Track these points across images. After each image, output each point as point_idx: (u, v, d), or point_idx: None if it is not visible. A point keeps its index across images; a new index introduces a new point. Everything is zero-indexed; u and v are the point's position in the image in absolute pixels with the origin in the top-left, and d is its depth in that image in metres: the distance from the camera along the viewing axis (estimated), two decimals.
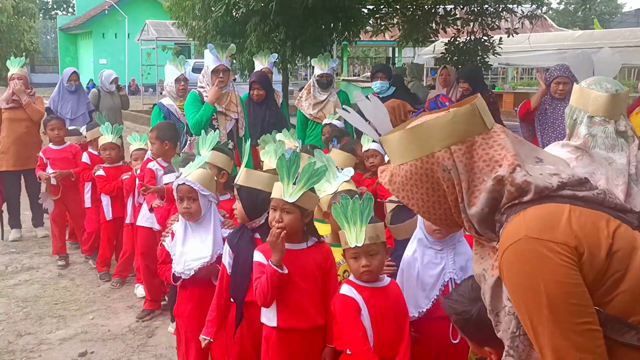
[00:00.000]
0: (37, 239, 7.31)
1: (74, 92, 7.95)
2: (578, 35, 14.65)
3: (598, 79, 2.58)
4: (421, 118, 1.62)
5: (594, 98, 2.51)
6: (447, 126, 1.54)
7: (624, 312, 1.40)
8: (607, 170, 2.46)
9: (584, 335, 1.36)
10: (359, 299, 2.78)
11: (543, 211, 1.47)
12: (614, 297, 1.41)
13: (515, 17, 10.74)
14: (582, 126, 2.54)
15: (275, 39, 8.90)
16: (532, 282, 1.40)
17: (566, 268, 1.38)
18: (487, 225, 1.57)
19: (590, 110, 2.52)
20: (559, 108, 5.34)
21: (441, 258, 3.05)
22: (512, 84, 25.77)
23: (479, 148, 1.54)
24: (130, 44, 23.92)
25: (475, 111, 1.55)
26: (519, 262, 1.43)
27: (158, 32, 23.03)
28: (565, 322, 1.37)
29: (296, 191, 2.87)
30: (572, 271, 1.38)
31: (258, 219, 3.20)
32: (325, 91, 6.83)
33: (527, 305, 1.42)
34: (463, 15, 10.43)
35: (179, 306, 3.68)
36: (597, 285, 1.40)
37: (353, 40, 10.60)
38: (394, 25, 11.13)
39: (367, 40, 14.45)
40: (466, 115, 1.55)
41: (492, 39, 10.33)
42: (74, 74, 8.05)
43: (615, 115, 2.51)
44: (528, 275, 1.41)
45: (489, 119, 1.58)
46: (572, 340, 1.36)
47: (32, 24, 28.57)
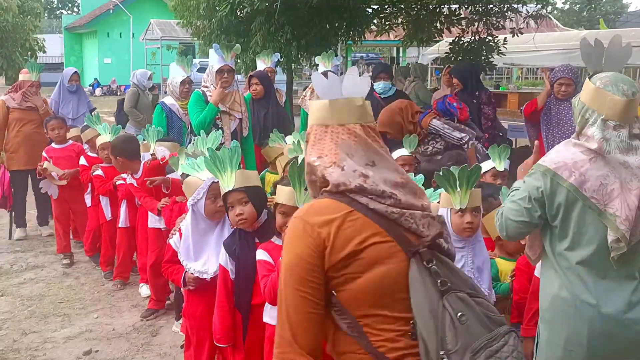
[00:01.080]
0: (42, 238, 7.34)
1: (75, 92, 7.97)
2: (583, 35, 14.59)
3: (614, 79, 2.48)
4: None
5: (611, 102, 2.43)
6: (321, 108, 1.91)
7: (348, 304, 1.81)
8: (621, 173, 2.41)
9: (297, 298, 1.79)
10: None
11: (323, 202, 1.85)
12: (344, 290, 1.80)
13: (520, 17, 10.71)
14: (594, 128, 2.46)
15: (280, 39, 8.89)
16: (287, 248, 1.86)
17: (308, 249, 1.80)
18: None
19: (606, 113, 2.43)
20: (562, 108, 5.33)
21: (461, 256, 3.05)
22: (517, 84, 25.69)
23: (325, 136, 1.89)
24: (135, 43, 23.97)
25: (335, 107, 1.89)
26: (288, 232, 1.89)
27: (163, 31, 23.05)
28: (291, 283, 1.81)
29: (308, 197, 2.88)
30: (312, 252, 1.79)
31: (259, 219, 3.22)
32: None
33: (283, 262, 1.87)
34: (468, 15, 10.40)
35: (189, 306, 3.63)
36: (333, 274, 1.80)
37: (358, 40, 10.59)
38: (398, 24, 11.11)
39: (371, 40, 14.43)
40: (326, 106, 1.89)
41: (497, 39, 10.29)
42: (75, 74, 8.06)
43: (630, 119, 2.45)
44: (287, 243, 1.88)
45: (348, 117, 1.89)
46: (290, 297, 1.81)
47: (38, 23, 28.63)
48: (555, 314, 2.58)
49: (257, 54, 8.06)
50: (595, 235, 2.46)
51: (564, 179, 2.45)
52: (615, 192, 2.40)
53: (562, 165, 2.48)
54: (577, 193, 2.43)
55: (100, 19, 34.75)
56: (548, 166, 2.50)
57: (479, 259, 3.12)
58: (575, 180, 2.43)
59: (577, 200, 2.45)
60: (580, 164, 2.45)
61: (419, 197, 1.88)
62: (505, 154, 4.28)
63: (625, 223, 2.37)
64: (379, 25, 10.98)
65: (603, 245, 2.44)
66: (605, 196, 2.41)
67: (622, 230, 2.37)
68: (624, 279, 2.48)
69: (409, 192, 1.85)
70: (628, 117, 2.45)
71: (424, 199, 1.90)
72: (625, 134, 2.44)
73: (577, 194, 2.44)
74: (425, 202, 1.90)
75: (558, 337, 2.57)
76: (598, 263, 2.48)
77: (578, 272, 2.50)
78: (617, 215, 2.38)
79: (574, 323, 2.51)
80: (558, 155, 2.53)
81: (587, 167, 2.44)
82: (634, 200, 2.39)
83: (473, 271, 3.07)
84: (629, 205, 2.38)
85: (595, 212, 2.43)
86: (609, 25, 30.12)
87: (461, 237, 3.08)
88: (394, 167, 1.91)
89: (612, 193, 2.40)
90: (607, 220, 2.41)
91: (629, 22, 37.27)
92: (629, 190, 2.40)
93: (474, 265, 3.09)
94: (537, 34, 11.42)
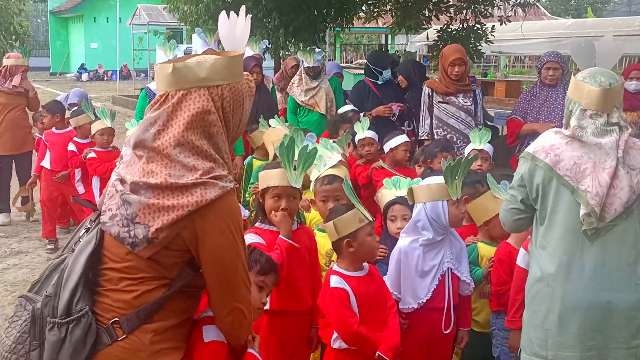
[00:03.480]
0: (26, 224, 7.29)
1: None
2: (570, 23, 14.68)
3: (594, 71, 2.61)
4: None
5: (587, 92, 2.55)
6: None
7: None
8: (596, 154, 2.52)
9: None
10: (348, 289, 2.77)
11: None
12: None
13: (508, 5, 10.74)
14: (574, 118, 2.59)
15: (267, 25, 8.86)
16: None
17: None
18: None
19: (584, 103, 2.56)
20: (550, 95, 5.34)
21: (440, 247, 3.07)
22: (505, 72, 25.77)
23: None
24: (122, 28, 23.69)
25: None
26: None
27: (150, 16, 22.80)
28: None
29: (299, 176, 2.88)
30: None
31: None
32: (317, 79, 6.83)
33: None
34: (456, 3, 10.41)
35: None
36: None
37: (346, 26, 10.57)
38: (386, 11, 11.09)
39: (360, 27, 14.41)
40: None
41: (485, 27, 10.32)
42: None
43: (608, 108, 2.55)
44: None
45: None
46: None
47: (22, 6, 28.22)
48: (534, 294, 2.67)
49: None
50: (569, 214, 2.55)
51: (540, 159, 2.59)
52: (587, 171, 2.52)
53: (540, 148, 2.62)
54: (552, 172, 2.56)
55: (87, 3, 34.31)
56: (529, 151, 2.66)
57: (456, 246, 3.15)
58: (550, 160, 2.56)
59: (552, 179, 2.57)
60: (556, 147, 2.59)
61: None
62: (486, 137, 4.32)
63: (596, 198, 2.47)
64: (367, 12, 10.97)
65: (576, 222, 2.53)
66: (578, 174, 2.52)
67: (592, 205, 2.47)
68: (600, 258, 2.53)
69: None
70: (605, 106, 2.55)
71: None
72: (602, 122, 2.55)
73: (551, 172, 2.56)
74: None
75: (536, 317, 2.65)
76: (572, 240, 2.55)
77: (552, 252, 2.59)
78: (589, 191, 2.49)
79: (548, 300, 2.60)
80: (539, 142, 2.68)
81: (563, 149, 2.57)
82: (605, 178, 2.48)
83: (452, 261, 3.09)
84: (600, 183, 2.49)
85: (569, 189, 2.53)
86: (596, 14, 30.24)
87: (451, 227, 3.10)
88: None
89: (585, 171, 2.52)
90: (579, 197, 2.51)
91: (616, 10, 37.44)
92: (602, 169, 2.50)
93: (453, 255, 3.11)
94: (524, 22, 11.47)
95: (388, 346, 2.75)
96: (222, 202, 1.86)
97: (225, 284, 1.91)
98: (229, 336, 2.01)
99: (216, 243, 1.86)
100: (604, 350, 2.55)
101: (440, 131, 5.50)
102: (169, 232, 1.83)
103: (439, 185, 3.04)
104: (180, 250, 1.89)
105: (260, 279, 2.33)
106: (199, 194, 1.82)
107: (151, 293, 1.87)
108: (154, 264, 1.87)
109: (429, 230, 3.02)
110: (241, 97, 1.98)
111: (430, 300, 3.02)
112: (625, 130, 2.55)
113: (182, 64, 1.91)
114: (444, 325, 3.04)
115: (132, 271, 1.87)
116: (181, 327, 1.97)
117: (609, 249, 2.53)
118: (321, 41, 10.16)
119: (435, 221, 3.01)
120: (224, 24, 2.16)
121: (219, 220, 1.86)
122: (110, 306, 1.87)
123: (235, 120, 1.99)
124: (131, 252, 1.86)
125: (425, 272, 3.03)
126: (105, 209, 1.93)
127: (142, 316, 1.86)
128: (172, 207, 1.82)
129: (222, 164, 1.93)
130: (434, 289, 3.02)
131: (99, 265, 1.91)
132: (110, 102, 19.04)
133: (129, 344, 1.85)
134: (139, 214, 1.84)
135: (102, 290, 1.89)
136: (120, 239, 1.87)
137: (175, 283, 1.90)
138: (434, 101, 5.54)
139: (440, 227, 3.03)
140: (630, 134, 2.57)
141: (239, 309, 1.95)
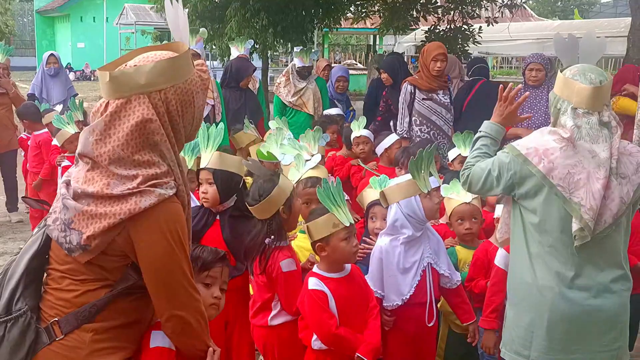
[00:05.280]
0: (11, 224, 7.21)
1: (55, 75, 7.80)
2: (557, 24, 14.76)
3: (583, 68, 2.55)
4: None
5: (578, 90, 2.49)
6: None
7: None
8: (590, 163, 2.46)
9: None
10: (327, 291, 2.77)
11: None
12: None
13: (495, 6, 10.79)
14: (566, 117, 2.52)
15: (255, 25, 8.84)
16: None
17: None
18: None
19: (574, 102, 2.50)
20: (532, 95, 5.37)
21: (420, 243, 3.09)
22: (492, 73, 25.86)
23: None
24: (109, 27, 23.60)
25: None
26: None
27: (137, 16, 22.72)
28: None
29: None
30: None
31: (227, 202, 3.21)
32: (304, 80, 6.83)
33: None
34: (444, 4, 10.45)
35: None
36: None
37: (334, 27, 10.58)
38: (375, 12, 11.11)
39: (348, 27, 14.42)
40: None
41: (472, 28, 10.36)
42: (51, 57, 7.87)
43: (598, 107, 2.50)
44: None
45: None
46: None
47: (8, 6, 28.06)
48: (521, 298, 2.65)
49: (231, 40, 8.01)
50: (559, 223, 2.51)
51: (533, 164, 2.51)
52: (581, 182, 2.45)
53: (533, 151, 2.53)
54: (545, 180, 2.49)
55: (73, 3, 34.05)
56: (520, 151, 2.56)
57: (433, 241, 3.19)
58: (544, 167, 2.48)
59: (543, 187, 2.50)
60: (550, 152, 2.50)
61: None
62: (469, 140, 4.32)
63: (590, 212, 2.42)
64: (355, 12, 10.98)
65: (567, 233, 2.49)
66: (571, 185, 2.46)
67: (585, 219, 2.42)
68: (588, 266, 2.53)
69: None
70: (596, 104, 2.50)
71: None
72: (595, 121, 2.49)
73: (544, 180, 2.49)
74: None
75: (522, 319, 2.64)
76: (562, 249, 2.52)
77: (543, 257, 2.56)
78: (582, 205, 2.43)
79: (536, 307, 2.58)
80: (531, 141, 2.58)
81: (557, 155, 2.48)
82: (599, 189, 2.43)
83: (432, 256, 3.12)
84: (593, 195, 2.43)
85: (561, 200, 2.47)
86: (583, 16, 30.44)
87: (428, 220, 3.13)
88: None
89: (579, 182, 2.45)
90: (571, 209, 2.45)
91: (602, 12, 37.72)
92: (596, 179, 2.44)
93: (431, 249, 3.14)
94: (511, 24, 11.51)
95: (368, 347, 2.75)
96: (158, 210, 1.82)
97: (163, 291, 1.89)
98: (175, 342, 1.97)
99: (152, 251, 1.84)
100: (588, 354, 2.56)
101: (424, 128, 5.53)
102: (102, 240, 1.81)
103: (408, 182, 3.07)
104: (118, 255, 1.87)
105: (204, 275, 2.24)
106: (133, 202, 1.79)
107: (93, 293, 1.87)
108: (94, 267, 1.86)
109: (408, 228, 3.05)
110: (190, 96, 1.91)
111: (413, 295, 3.04)
112: (616, 132, 2.51)
113: (119, 72, 1.84)
114: (427, 319, 3.08)
115: (74, 273, 1.88)
116: (129, 328, 1.95)
117: (597, 258, 2.52)
118: (309, 41, 10.14)
119: (412, 217, 3.04)
120: (169, 9, 2.18)
121: (153, 228, 1.82)
122: (54, 304, 1.89)
123: (186, 121, 1.93)
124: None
125: (406, 269, 3.05)
126: (52, 210, 1.93)
127: (81, 317, 1.86)
128: (104, 214, 1.80)
129: (168, 171, 1.88)
130: (416, 284, 3.05)
131: (46, 264, 1.93)
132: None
133: (68, 342, 1.86)
134: (74, 219, 1.83)
135: (48, 289, 1.92)
136: (59, 243, 1.87)
137: (118, 285, 1.89)
138: (417, 98, 5.55)
139: (418, 222, 3.06)
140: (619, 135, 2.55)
141: (178, 316, 1.91)
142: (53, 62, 7.81)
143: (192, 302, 1.93)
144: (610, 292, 2.54)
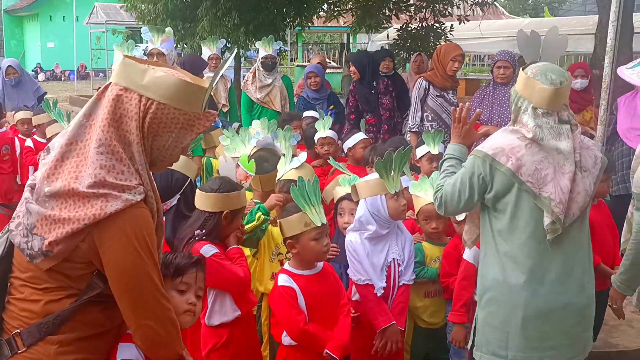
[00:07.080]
0: None
1: (16, 85, 7.56)
2: (527, 22, 14.88)
3: (544, 68, 2.58)
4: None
5: (539, 90, 2.52)
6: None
7: None
8: (555, 158, 2.50)
9: None
10: (296, 288, 2.79)
11: None
12: None
13: (467, 4, 10.86)
14: (527, 116, 2.55)
15: (227, 24, 8.78)
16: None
17: None
18: None
19: (535, 102, 2.54)
20: (501, 93, 5.42)
21: (386, 240, 3.15)
22: (464, 71, 26.09)
23: None
24: (79, 27, 23.25)
25: None
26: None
27: (107, 15, 22.44)
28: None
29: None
30: None
31: (169, 200, 3.15)
32: (270, 74, 6.85)
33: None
34: (416, 2, 10.50)
35: None
36: None
37: (306, 25, 10.56)
38: (347, 10, 11.12)
39: (321, 25, 14.42)
40: None
41: (444, 26, 10.42)
42: (9, 68, 7.55)
43: (558, 107, 2.55)
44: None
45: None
46: None
47: None
48: (492, 297, 2.65)
49: (203, 39, 7.94)
50: (531, 220, 2.54)
51: (501, 163, 2.53)
52: (549, 177, 2.49)
53: (500, 151, 2.55)
54: (514, 177, 2.51)
55: (42, 2, 33.53)
56: (487, 152, 2.58)
57: (402, 239, 3.24)
58: (512, 164, 2.51)
59: (513, 185, 2.53)
60: (516, 150, 2.53)
61: None
62: (439, 137, 4.34)
63: (560, 206, 2.46)
64: (328, 10, 10.97)
65: (539, 229, 2.52)
66: (539, 180, 2.49)
67: (556, 213, 2.46)
68: (559, 262, 2.56)
69: None
70: (555, 105, 2.55)
71: None
72: (554, 121, 2.54)
73: (513, 177, 2.51)
74: None
75: (494, 319, 2.64)
76: (534, 245, 2.55)
77: (514, 256, 2.58)
78: (552, 199, 2.47)
79: (509, 306, 2.59)
80: (496, 142, 2.61)
81: (523, 153, 2.52)
82: (566, 184, 2.48)
83: (398, 252, 3.16)
84: (562, 189, 2.47)
85: (531, 196, 2.51)
86: (553, 13, 30.86)
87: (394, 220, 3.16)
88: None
89: (546, 177, 2.49)
90: (542, 204, 2.49)
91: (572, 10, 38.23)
92: (562, 174, 2.49)
93: (398, 246, 3.19)
94: (483, 21, 11.61)
95: (336, 344, 2.78)
96: (124, 216, 1.76)
97: (131, 300, 1.82)
98: (145, 352, 1.91)
99: (117, 258, 1.77)
100: (562, 349, 2.60)
101: (434, 124, 5.66)
102: (65, 245, 1.75)
103: (377, 181, 3.10)
104: (83, 263, 1.80)
105: (178, 281, 2.16)
106: (99, 207, 1.73)
107: (57, 303, 1.80)
108: (57, 275, 1.79)
109: (372, 224, 3.10)
110: (173, 125, 1.85)
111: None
112: (576, 128, 2.58)
113: (133, 62, 1.85)
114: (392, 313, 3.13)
115: (36, 281, 1.80)
116: (96, 339, 1.88)
117: (567, 252, 2.56)
118: (282, 40, 10.11)
119: (377, 215, 3.08)
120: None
121: (119, 234, 1.76)
122: (17, 315, 1.82)
123: (157, 144, 1.87)
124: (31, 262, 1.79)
125: (374, 264, 3.11)
126: (15, 215, 1.86)
127: (45, 329, 1.79)
128: (68, 219, 1.73)
129: (135, 174, 1.82)
130: (383, 279, 3.10)
131: (9, 273, 1.86)
132: (68, 103, 18.59)
133: (32, 354, 1.79)
134: (37, 224, 1.77)
135: (11, 299, 1.84)
136: (21, 249, 1.80)
137: (83, 295, 1.82)
138: (432, 94, 5.68)
139: (382, 220, 3.09)
140: (579, 132, 2.60)
141: (147, 325, 1.84)
142: (12, 72, 7.54)
143: (161, 310, 1.87)
144: (580, 286, 2.59)
